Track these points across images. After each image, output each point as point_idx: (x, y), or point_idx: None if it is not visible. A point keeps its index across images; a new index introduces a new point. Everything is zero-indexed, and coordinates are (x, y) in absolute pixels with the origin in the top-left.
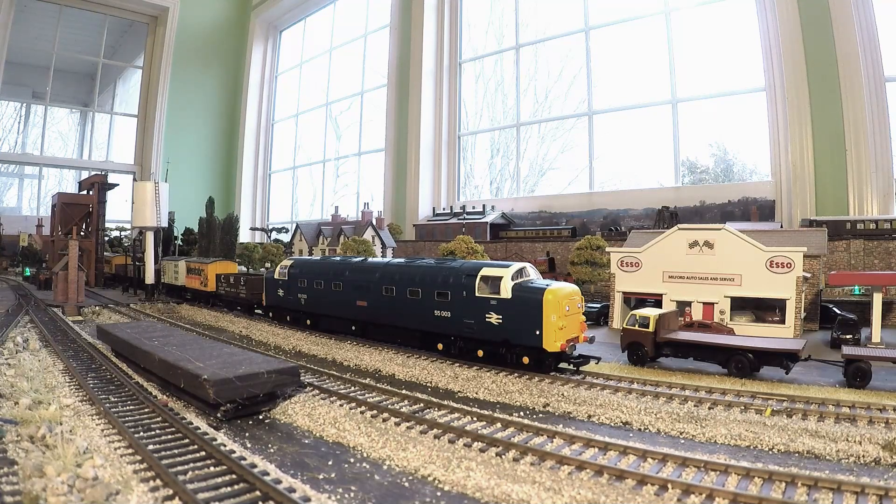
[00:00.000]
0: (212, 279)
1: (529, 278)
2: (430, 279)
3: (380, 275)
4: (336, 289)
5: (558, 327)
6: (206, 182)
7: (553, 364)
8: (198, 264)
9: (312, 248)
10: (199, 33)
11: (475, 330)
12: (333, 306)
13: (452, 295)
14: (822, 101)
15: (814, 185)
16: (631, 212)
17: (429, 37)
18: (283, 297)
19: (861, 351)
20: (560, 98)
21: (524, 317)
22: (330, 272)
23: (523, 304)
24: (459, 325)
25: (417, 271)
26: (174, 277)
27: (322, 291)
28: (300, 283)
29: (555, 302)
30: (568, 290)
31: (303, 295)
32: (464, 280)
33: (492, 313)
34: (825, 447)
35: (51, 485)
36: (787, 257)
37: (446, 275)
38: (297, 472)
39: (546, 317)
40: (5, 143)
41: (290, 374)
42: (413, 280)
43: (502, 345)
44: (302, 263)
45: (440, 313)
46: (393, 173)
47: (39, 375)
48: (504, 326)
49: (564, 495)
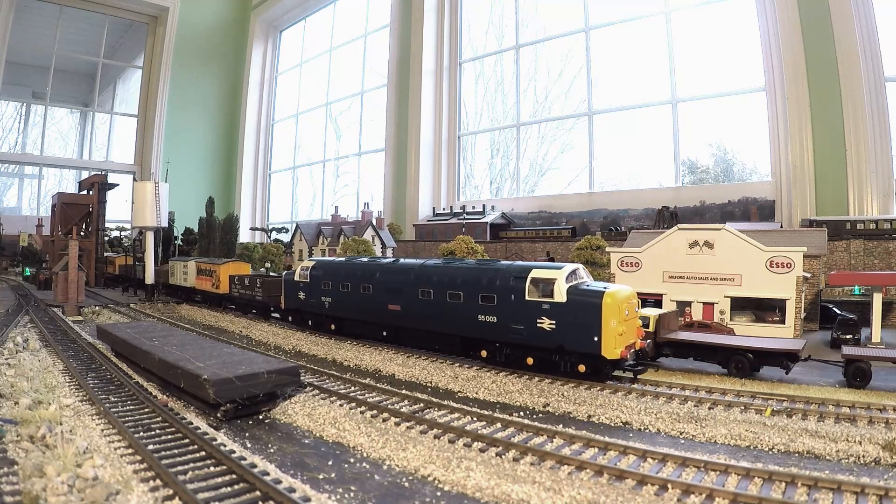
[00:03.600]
0: (224, 281)
1: (583, 280)
2: (473, 281)
3: (415, 276)
4: (365, 291)
5: (618, 333)
6: (206, 182)
7: (610, 372)
8: (209, 265)
9: (312, 248)
10: (199, 33)
11: (525, 336)
12: (362, 310)
13: (499, 298)
14: (822, 101)
15: (814, 185)
16: (631, 212)
17: (429, 37)
18: (305, 300)
19: (861, 351)
20: (560, 98)
21: (581, 322)
22: (358, 274)
23: (580, 309)
24: (506, 331)
25: (459, 273)
26: (183, 279)
27: (349, 294)
28: (324, 285)
29: (614, 306)
30: (626, 293)
31: (327, 298)
32: (512, 283)
33: (544, 318)
34: (825, 447)
35: (51, 485)
36: (787, 257)
37: (492, 277)
38: (297, 472)
39: (605, 322)
40: (5, 143)
41: (290, 374)
42: (454, 282)
43: (555, 352)
44: (326, 264)
45: (485, 318)
46: (393, 173)
47: (39, 375)
48: (558, 332)
49: (564, 495)
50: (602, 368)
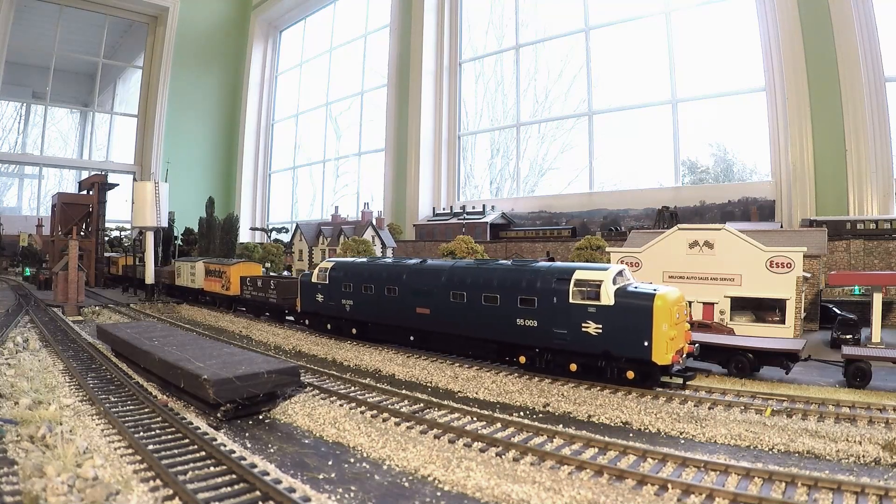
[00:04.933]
0: (235, 282)
1: (630, 281)
2: (511, 283)
3: (446, 278)
4: (391, 294)
5: (669, 337)
6: (206, 182)
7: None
8: (218, 265)
9: (312, 248)
10: (199, 33)
11: (568, 341)
12: (387, 314)
13: (540, 301)
14: (822, 101)
15: (814, 185)
16: (631, 212)
17: (429, 37)
18: (323, 302)
19: (861, 351)
20: (560, 98)
21: (630, 326)
22: (383, 275)
23: (629, 312)
24: (548, 336)
25: (495, 274)
26: (190, 280)
27: (372, 297)
28: (344, 287)
29: (665, 309)
30: (677, 296)
31: (347, 301)
32: (554, 285)
33: (589, 322)
34: (825, 447)
35: (51, 485)
36: (787, 257)
37: (532, 278)
38: (297, 472)
39: (656, 326)
40: (5, 143)
41: (290, 374)
42: (490, 284)
43: (601, 358)
44: (346, 266)
45: (524, 322)
46: (393, 173)
47: (39, 375)
48: (604, 337)
49: (564, 495)
50: (653, 375)
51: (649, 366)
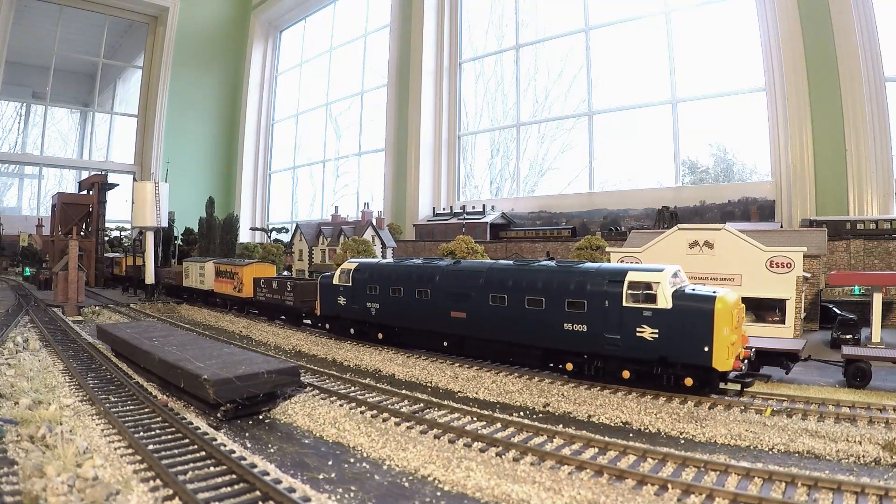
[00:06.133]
0: (248, 284)
1: (686, 283)
2: (557, 286)
3: (485, 280)
4: (422, 297)
5: (730, 342)
6: (206, 182)
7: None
8: (230, 266)
9: (312, 248)
10: (199, 33)
11: (621, 347)
12: (418, 318)
13: (590, 305)
14: (822, 101)
15: (814, 185)
16: (631, 212)
17: (429, 37)
18: (346, 306)
19: (861, 351)
20: (560, 98)
21: (689, 331)
22: (413, 277)
23: (688, 316)
24: (598, 342)
25: (539, 276)
26: (199, 281)
27: (401, 300)
28: (370, 289)
29: (726, 312)
30: (735, 298)
31: (373, 304)
32: (606, 287)
33: (644, 327)
34: (825, 447)
35: (51, 485)
36: (787, 257)
37: (581, 280)
38: (297, 472)
39: (717, 330)
40: (5, 143)
41: (290, 374)
42: (534, 286)
43: (657, 364)
44: (371, 267)
45: (572, 327)
46: (393, 173)
47: (39, 375)
48: (661, 342)
49: (564, 495)
50: (712, 381)
51: (709, 372)
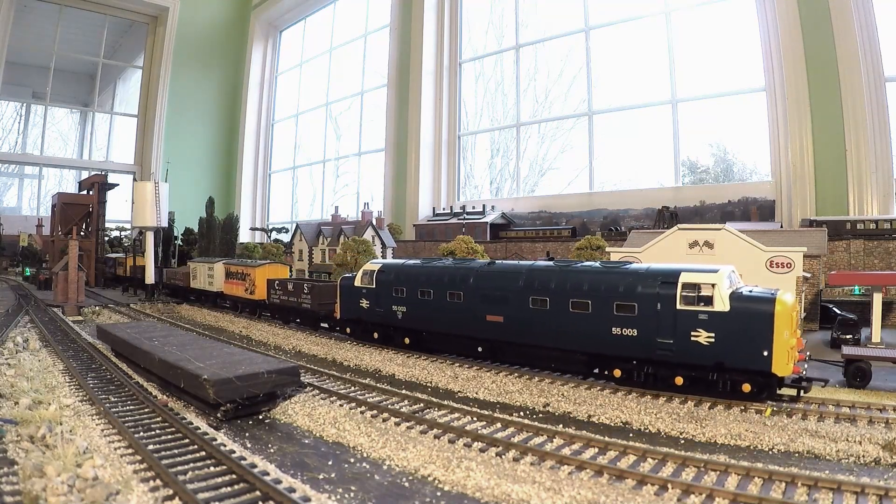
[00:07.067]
0: (261, 286)
1: (740, 284)
2: (606, 288)
3: (525, 282)
4: (454, 300)
5: (790, 346)
6: (206, 182)
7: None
8: (242, 268)
9: (312, 248)
10: (198, 33)
11: (674, 352)
12: (449, 322)
13: (641, 308)
14: (822, 101)
15: (814, 185)
16: (631, 212)
17: (429, 37)
18: (369, 309)
19: (861, 351)
20: (560, 98)
21: (748, 334)
22: (444, 279)
23: (747, 319)
24: (650, 347)
25: (584, 278)
26: (208, 282)
27: (431, 303)
28: (396, 291)
29: (786, 314)
30: (794, 299)
31: (400, 307)
32: (659, 289)
33: (700, 331)
34: (825, 447)
35: (51, 485)
36: (787, 257)
37: (631, 282)
38: (297, 472)
39: (777, 333)
40: (5, 143)
41: (290, 374)
42: (579, 289)
43: (713, 370)
44: (397, 268)
45: (621, 331)
46: (393, 173)
47: (39, 375)
48: (717, 347)
49: (564, 495)
50: (771, 387)
51: (768, 377)
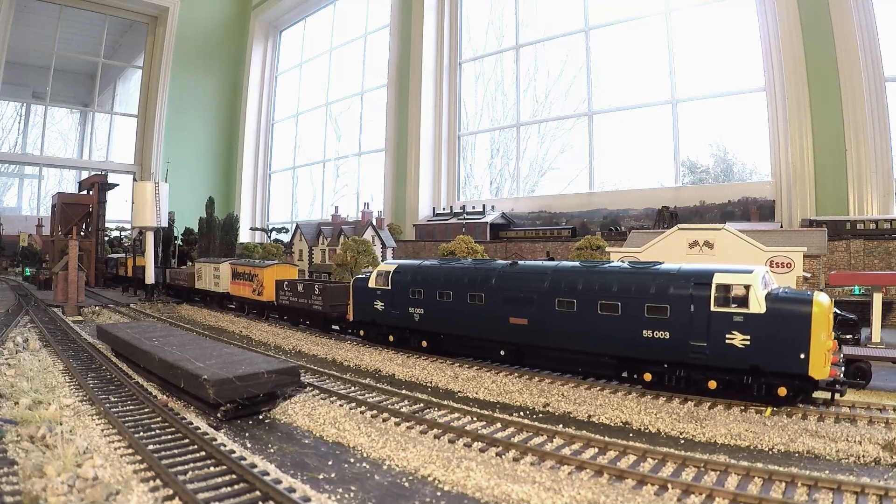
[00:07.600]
0: (269, 286)
1: (775, 285)
2: (636, 289)
3: (550, 284)
4: (476, 302)
5: (827, 349)
6: (206, 182)
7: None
8: (249, 268)
9: (312, 248)
10: (199, 33)
11: (708, 355)
12: (470, 325)
13: (673, 310)
14: (822, 101)
15: (814, 185)
16: (631, 212)
17: (429, 37)
18: (384, 311)
19: (861, 351)
20: (560, 98)
21: (784, 337)
22: (464, 280)
23: (783, 321)
24: (682, 350)
25: (613, 279)
26: (213, 283)
27: (451, 305)
28: (412, 293)
29: (823, 316)
30: (830, 301)
31: (417, 309)
32: (692, 290)
33: (735, 333)
34: (825, 447)
35: (51, 485)
36: (787, 257)
37: (662, 283)
38: (297, 472)
39: (814, 336)
40: (5, 143)
41: (290, 374)
42: (608, 290)
43: (748, 373)
44: (413, 269)
45: (652, 334)
46: (393, 173)
47: (39, 375)
48: (753, 350)
49: (564, 495)
50: (807, 390)
51: (805, 381)
